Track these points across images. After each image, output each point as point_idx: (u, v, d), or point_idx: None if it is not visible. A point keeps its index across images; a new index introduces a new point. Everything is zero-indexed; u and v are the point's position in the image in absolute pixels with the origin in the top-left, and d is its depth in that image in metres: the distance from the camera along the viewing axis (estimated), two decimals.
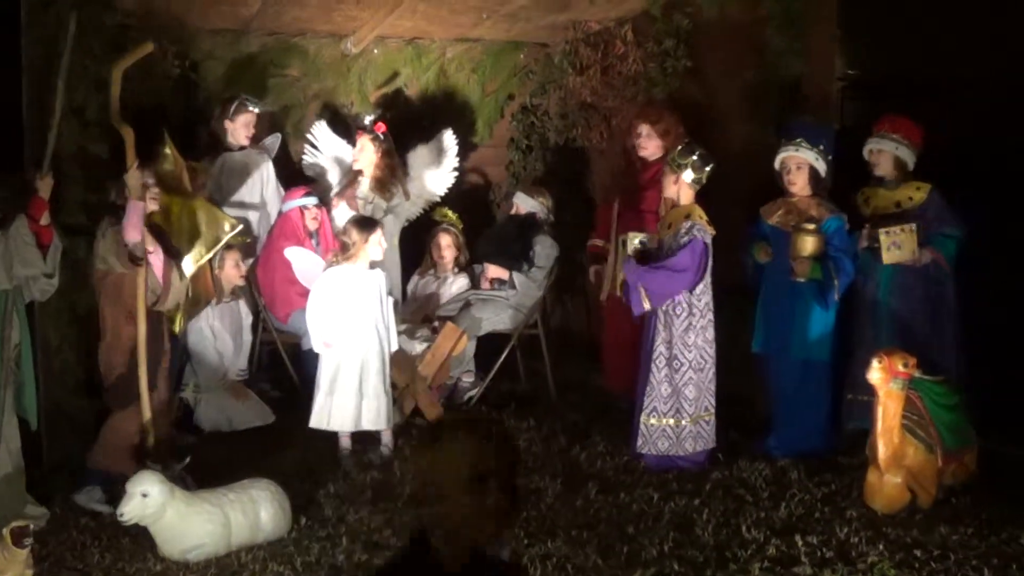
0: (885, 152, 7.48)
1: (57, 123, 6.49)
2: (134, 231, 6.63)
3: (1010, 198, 7.53)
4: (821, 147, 7.32)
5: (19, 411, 6.38)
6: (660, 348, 7.20)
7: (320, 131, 9.75)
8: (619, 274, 7.45)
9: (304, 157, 9.77)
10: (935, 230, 7.32)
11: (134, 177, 6.67)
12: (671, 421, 7.20)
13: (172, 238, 7.23)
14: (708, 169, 7.23)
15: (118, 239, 6.64)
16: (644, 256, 7.30)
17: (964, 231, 7.32)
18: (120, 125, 6.73)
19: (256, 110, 9.00)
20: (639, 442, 7.26)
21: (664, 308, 7.16)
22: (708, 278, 7.18)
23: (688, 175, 7.20)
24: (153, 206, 6.86)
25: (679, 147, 7.34)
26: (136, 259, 6.63)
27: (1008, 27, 7.62)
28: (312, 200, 9.04)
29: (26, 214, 6.20)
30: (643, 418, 7.24)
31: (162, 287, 6.86)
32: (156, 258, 6.78)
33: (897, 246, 7.27)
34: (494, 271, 9.06)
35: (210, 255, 7.51)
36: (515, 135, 10.92)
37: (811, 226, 7.15)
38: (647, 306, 7.15)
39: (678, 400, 7.19)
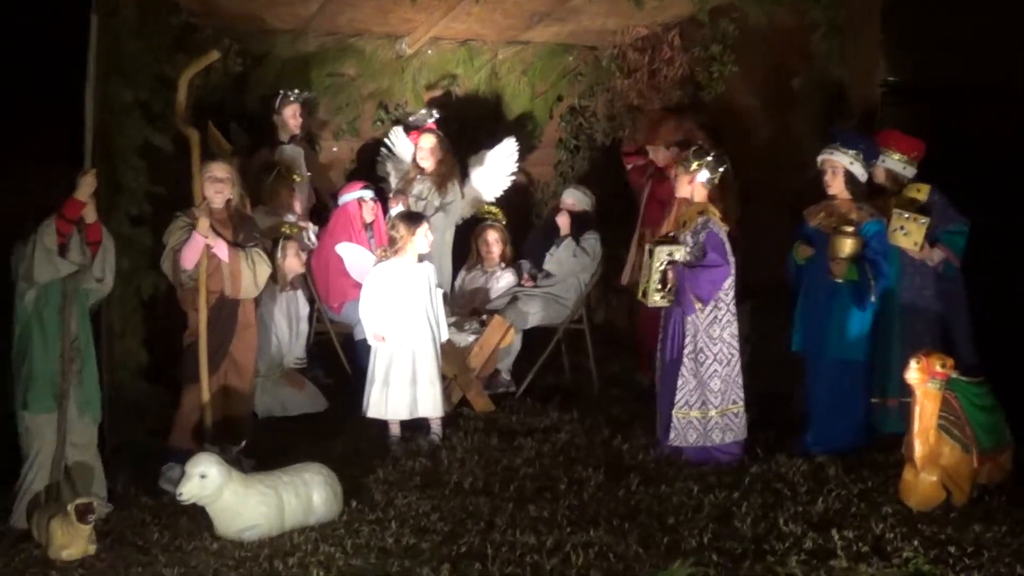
0: (876, 165, 7.65)
1: (91, 124, 6.67)
2: (189, 261, 6.90)
3: None
4: (857, 151, 7.43)
5: (81, 405, 6.49)
6: (687, 342, 7.35)
7: (397, 136, 9.96)
8: (648, 285, 7.46)
9: (378, 159, 10.00)
10: (941, 228, 7.47)
11: (204, 211, 6.90)
12: (698, 413, 7.35)
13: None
14: (721, 170, 7.43)
15: (176, 260, 6.90)
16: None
17: (969, 225, 7.47)
18: (186, 128, 6.92)
19: (297, 100, 9.24)
20: (671, 435, 7.40)
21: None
22: (732, 272, 7.34)
23: (703, 175, 7.39)
24: (219, 200, 7.08)
25: (693, 149, 7.52)
26: (182, 283, 6.94)
27: None
28: (368, 193, 9.26)
29: (59, 214, 6.26)
30: (674, 411, 7.38)
31: (232, 275, 7.06)
32: (220, 250, 6.97)
33: (904, 232, 7.40)
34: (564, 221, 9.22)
35: None
36: (563, 135, 11.01)
37: (850, 228, 7.25)
38: (699, 307, 7.28)
39: (704, 393, 7.34)
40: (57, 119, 7.28)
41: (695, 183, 7.42)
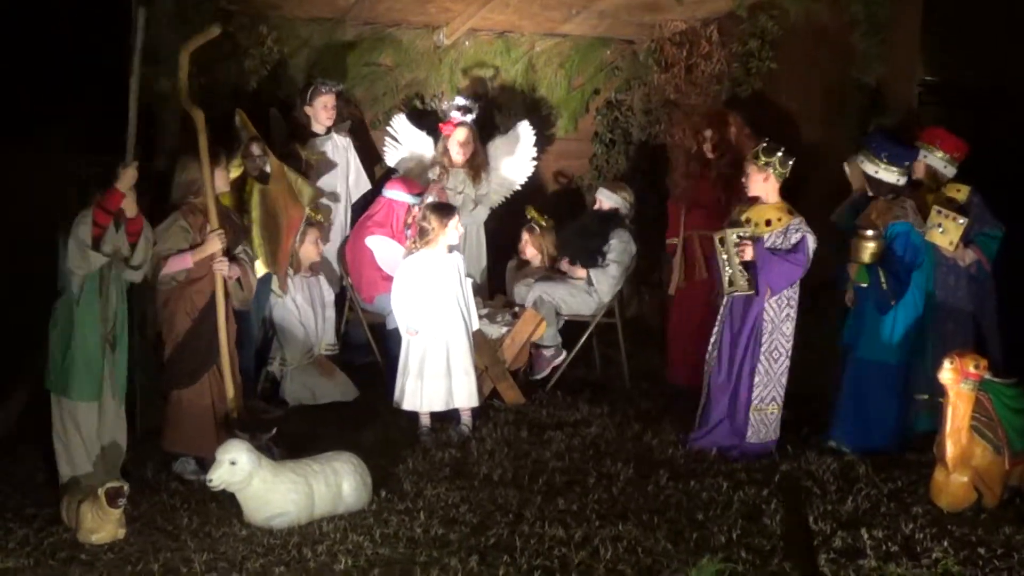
0: (918, 160, 7.62)
1: (134, 115, 6.63)
2: (175, 268, 6.85)
3: None
4: (869, 148, 7.43)
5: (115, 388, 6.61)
6: (764, 339, 7.32)
7: (400, 124, 9.82)
8: (732, 271, 7.36)
9: (385, 150, 9.89)
10: (977, 230, 7.47)
11: (215, 240, 6.85)
12: (772, 408, 7.39)
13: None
14: (791, 164, 7.33)
15: (159, 265, 6.80)
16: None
17: (1004, 230, 7.47)
18: (191, 107, 6.86)
19: (332, 90, 9.15)
20: (749, 432, 7.37)
21: (768, 300, 7.29)
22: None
23: (776, 171, 7.31)
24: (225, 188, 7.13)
25: (763, 145, 7.39)
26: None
27: None
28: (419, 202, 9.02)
29: (98, 205, 6.30)
30: (751, 410, 7.37)
31: (245, 287, 7.16)
32: (233, 273, 7.00)
33: (941, 230, 7.37)
34: (573, 270, 9.18)
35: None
36: (599, 129, 10.98)
37: (869, 232, 7.25)
38: (767, 293, 7.26)
39: (775, 388, 7.37)
40: (101, 109, 7.31)
41: (770, 179, 7.33)
